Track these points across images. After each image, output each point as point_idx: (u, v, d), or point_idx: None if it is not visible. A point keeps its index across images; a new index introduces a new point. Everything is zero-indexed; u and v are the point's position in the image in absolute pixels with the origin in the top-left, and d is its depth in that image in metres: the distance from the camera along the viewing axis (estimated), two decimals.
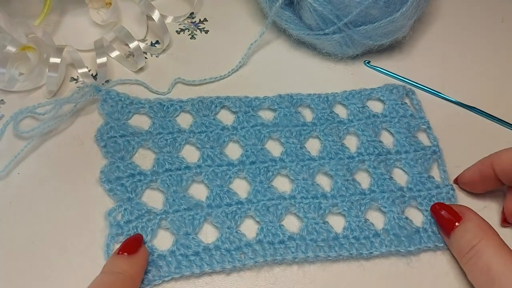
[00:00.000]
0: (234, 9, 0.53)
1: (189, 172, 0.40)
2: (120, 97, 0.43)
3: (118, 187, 0.38)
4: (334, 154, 0.41)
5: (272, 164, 0.40)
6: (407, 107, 0.44)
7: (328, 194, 0.39)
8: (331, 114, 0.44)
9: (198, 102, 0.43)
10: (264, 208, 0.38)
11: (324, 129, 0.43)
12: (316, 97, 0.44)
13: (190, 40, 0.51)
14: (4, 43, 0.43)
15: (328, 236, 0.37)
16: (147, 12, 0.49)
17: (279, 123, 0.43)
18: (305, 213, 0.38)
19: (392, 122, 0.43)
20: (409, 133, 0.43)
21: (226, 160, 0.40)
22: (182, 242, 0.36)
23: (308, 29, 0.47)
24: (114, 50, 0.47)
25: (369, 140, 0.42)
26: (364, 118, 0.43)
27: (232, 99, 0.44)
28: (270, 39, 0.50)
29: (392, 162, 0.41)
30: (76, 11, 0.51)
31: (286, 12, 0.47)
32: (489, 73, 0.49)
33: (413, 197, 0.39)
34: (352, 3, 0.43)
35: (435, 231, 0.38)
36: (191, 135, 0.42)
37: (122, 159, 0.40)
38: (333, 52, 0.48)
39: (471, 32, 0.52)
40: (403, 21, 0.45)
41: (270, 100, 0.44)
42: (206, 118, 0.42)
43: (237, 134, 0.42)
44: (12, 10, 0.49)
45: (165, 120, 0.42)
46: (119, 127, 0.41)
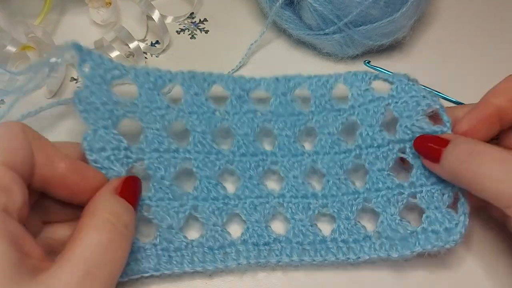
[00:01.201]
0: (234, 9, 0.53)
1: (178, 156, 0.37)
2: (103, 60, 0.37)
3: (104, 160, 0.34)
4: (329, 148, 0.39)
5: (263, 158, 0.38)
6: (417, 87, 0.38)
7: (319, 194, 0.37)
8: (329, 102, 0.39)
9: (189, 77, 0.38)
10: (252, 207, 0.37)
11: (321, 119, 0.39)
12: (316, 80, 0.40)
13: (190, 40, 0.51)
14: (4, 43, 0.43)
15: (315, 239, 0.36)
16: (147, 12, 0.49)
17: (274, 111, 0.39)
18: (293, 214, 0.37)
19: (398, 103, 0.38)
20: (418, 116, 0.37)
21: (216, 149, 0.38)
22: (165, 236, 0.35)
23: (308, 29, 0.47)
24: (114, 50, 0.47)
25: (368, 130, 0.38)
26: (366, 103, 0.39)
27: (225, 78, 0.39)
28: (270, 39, 0.50)
29: (394, 153, 0.38)
30: (76, 10, 0.51)
31: (286, 12, 0.47)
32: (489, 73, 0.49)
33: (412, 194, 0.37)
34: (352, 3, 0.43)
35: (435, 230, 0.35)
36: (180, 113, 0.38)
37: (105, 128, 0.35)
38: (333, 52, 0.48)
39: (471, 32, 0.52)
40: (403, 21, 0.45)
41: (266, 83, 0.39)
42: (197, 98, 0.38)
43: (229, 121, 0.39)
44: (12, 9, 0.49)
45: (153, 93, 0.38)
46: (101, 93, 0.36)
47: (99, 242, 0.28)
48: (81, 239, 0.28)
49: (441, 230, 0.35)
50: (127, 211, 0.31)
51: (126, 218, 0.30)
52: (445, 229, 0.35)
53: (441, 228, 0.35)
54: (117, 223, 0.29)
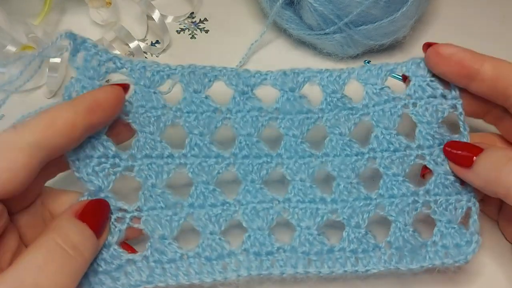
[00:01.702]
0: (235, 9, 0.53)
1: (172, 162, 0.34)
2: (97, 50, 0.34)
3: (87, 169, 0.32)
4: (340, 150, 0.35)
5: (268, 160, 0.35)
6: (438, 85, 0.35)
7: (328, 199, 0.35)
8: (341, 99, 0.36)
9: (189, 72, 0.35)
10: (254, 212, 0.34)
11: (332, 118, 0.36)
12: (327, 76, 0.36)
13: (190, 40, 0.51)
14: (4, 43, 0.43)
15: (322, 249, 0.33)
16: (147, 11, 0.49)
17: (281, 108, 0.36)
18: (299, 220, 0.34)
19: (416, 107, 0.35)
20: (435, 122, 0.35)
21: (215, 152, 0.35)
22: (157, 246, 0.33)
23: (308, 29, 0.47)
24: (114, 50, 0.47)
25: (384, 133, 0.35)
26: (381, 103, 0.36)
27: (228, 72, 0.36)
28: (270, 39, 0.50)
29: (411, 159, 0.35)
30: (76, 10, 0.51)
31: (286, 12, 0.47)
32: None
33: (427, 203, 0.34)
34: (353, 3, 0.43)
35: (445, 245, 0.34)
36: (178, 114, 0.35)
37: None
38: (334, 52, 0.48)
39: (471, 32, 0.52)
40: (404, 21, 0.45)
41: (273, 78, 0.36)
42: (196, 96, 0.35)
43: (231, 120, 0.35)
44: (12, 9, 0.49)
45: (149, 91, 0.35)
46: (92, 87, 0.33)
47: (34, 262, 0.26)
48: (20, 258, 0.26)
49: (451, 245, 0.34)
50: (80, 233, 0.29)
51: (76, 239, 0.28)
52: (456, 245, 0.34)
53: (452, 244, 0.34)
54: (63, 243, 0.27)
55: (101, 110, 0.31)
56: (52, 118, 0.29)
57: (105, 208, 0.32)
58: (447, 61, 0.34)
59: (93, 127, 0.31)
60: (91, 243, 0.30)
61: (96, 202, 0.32)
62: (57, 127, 0.29)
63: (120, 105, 0.32)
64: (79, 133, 0.30)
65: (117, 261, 0.32)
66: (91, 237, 0.30)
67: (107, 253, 0.32)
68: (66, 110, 0.30)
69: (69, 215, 0.30)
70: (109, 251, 0.32)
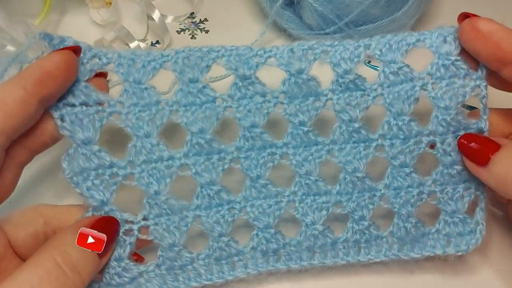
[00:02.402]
0: (235, 9, 0.53)
1: (173, 164, 0.32)
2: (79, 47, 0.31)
3: (87, 183, 0.31)
4: (348, 138, 0.33)
5: (273, 151, 0.33)
6: (462, 64, 0.32)
7: (333, 191, 0.34)
8: (354, 81, 0.33)
9: (183, 58, 0.32)
10: (260, 210, 0.34)
11: (342, 102, 0.33)
12: (340, 51, 0.33)
13: (190, 40, 0.51)
14: (4, 43, 0.43)
15: (326, 242, 0.34)
16: (148, 11, 0.48)
17: (287, 92, 0.33)
18: (304, 215, 0.34)
19: (435, 89, 0.32)
20: (454, 107, 0.32)
21: (217, 148, 0.33)
22: (168, 255, 0.32)
23: (308, 29, 0.47)
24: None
25: (396, 118, 0.33)
26: (398, 83, 0.33)
27: (227, 53, 0.33)
28: (270, 39, 0.50)
29: (421, 147, 0.33)
30: (76, 10, 0.51)
31: (286, 12, 0.47)
32: None
33: (432, 193, 0.34)
34: (353, 2, 0.43)
35: (448, 234, 0.34)
36: (173, 108, 0.32)
37: (85, 143, 0.31)
38: None
39: None
40: (404, 21, 0.45)
41: (279, 55, 0.33)
42: (193, 85, 0.32)
43: (233, 109, 0.33)
44: (12, 9, 0.49)
45: (140, 88, 0.32)
46: (79, 90, 0.31)
47: (29, 281, 0.25)
48: (16, 273, 0.26)
49: (454, 234, 0.34)
50: (82, 253, 0.28)
51: (76, 259, 0.27)
52: (459, 234, 0.34)
53: (455, 233, 0.34)
54: (63, 263, 0.26)
55: (51, 80, 0.29)
56: (1, 100, 0.27)
57: (113, 226, 0.31)
58: (484, 39, 0.30)
59: (47, 99, 0.29)
60: (91, 264, 0.29)
61: (105, 220, 0.31)
62: (8, 107, 0.27)
63: (72, 69, 0.30)
64: (33, 108, 0.28)
65: (130, 274, 0.32)
66: (94, 258, 0.29)
67: (119, 267, 0.31)
68: (14, 88, 0.28)
69: (73, 232, 0.29)
70: (120, 265, 0.31)
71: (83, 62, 0.31)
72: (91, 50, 0.32)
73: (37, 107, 0.29)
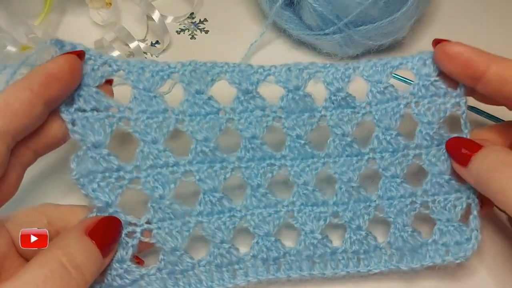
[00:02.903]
0: (234, 9, 0.53)
1: (178, 170, 0.33)
2: (90, 54, 0.32)
3: (93, 185, 0.31)
4: (342, 151, 0.35)
5: (272, 163, 0.35)
6: (442, 84, 0.35)
7: (330, 201, 0.35)
8: (346, 98, 0.36)
9: (190, 71, 0.34)
10: (260, 218, 0.34)
11: (336, 118, 0.36)
12: (332, 71, 0.36)
13: (190, 40, 0.51)
14: (5, 43, 0.43)
15: (325, 251, 0.34)
16: (147, 12, 0.49)
17: (284, 107, 0.35)
18: (303, 224, 0.35)
19: (419, 106, 0.35)
20: (437, 122, 0.35)
21: (220, 156, 0.34)
22: (170, 259, 0.33)
23: (308, 29, 0.47)
24: (114, 50, 0.47)
25: (384, 133, 0.35)
26: (384, 102, 0.36)
27: (230, 69, 0.35)
28: (270, 39, 0.50)
29: (409, 159, 0.35)
30: (76, 11, 0.51)
31: (286, 12, 0.47)
32: None
33: (425, 203, 0.35)
34: (352, 3, 0.43)
35: (445, 243, 0.34)
36: (180, 117, 0.34)
37: (95, 147, 0.32)
38: (333, 52, 0.48)
39: (471, 32, 0.52)
40: (403, 22, 0.45)
41: (277, 73, 0.36)
42: (199, 97, 0.34)
43: (235, 121, 0.35)
44: (13, 9, 0.49)
45: (149, 96, 0.33)
46: (90, 96, 0.32)
47: (34, 280, 0.25)
48: (21, 272, 0.26)
49: (452, 243, 0.34)
50: (86, 253, 0.28)
51: (80, 259, 0.27)
52: (456, 242, 0.34)
53: (452, 242, 0.34)
54: (67, 263, 0.27)
55: (56, 82, 0.30)
56: (8, 101, 0.28)
57: (116, 226, 0.31)
58: (454, 60, 0.33)
59: (53, 101, 0.30)
60: (95, 264, 0.29)
61: (108, 219, 0.31)
62: (15, 108, 0.28)
63: (76, 73, 0.31)
64: (39, 109, 0.29)
65: (131, 277, 0.32)
66: (97, 257, 0.29)
67: (121, 268, 0.32)
68: (20, 89, 0.29)
69: (78, 232, 0.29)
70: (123, 266, 0.32)
71: (94, 68, 0.32)
72: (101, 57, 0.33)
73: (43, 108, 0.30)
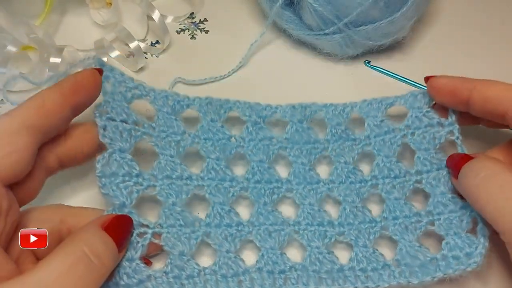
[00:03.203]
0: (234, 9, 0.53)
1: (190, 183, 0.36)
2: (124, 78, 0.37)
3: (112, 186, 0.34)
4: (345, 178, 0.38)
5: (278, 185, 0.38)
6: (433, 115, 0.38)
7: (335, 222, 0.36)
8: (345, 131, 0.40)
9: (206, 103, 0.39)
10: (266, 233, 0.36)
11: (337, 148, 0.39)
12: (332, 109, 0.40)
13: (190, 40, 0.51)
14: (5, 43, 0.43)
15: (332, 268, 0.34)
16: (148, 12, 0.49)
17: (290, 138, 0.39)
18: (309, 241, 0.36)
19: (414, 136, 0.38)
20: (433, 148, 0.38)
21: (230, 175, 0.37)
22: (176, 263, 0.33)
23: (308, 29, 0.47)
24: (115, 50, 0.48)
25: (385, 161, 0.38)
26: (382, 134, 0.39)
27: (242, 105, 0.40)
28: (270, 39, 0.50)
29: (411, 184, 0.38)
30: (77, 11, 0.51)
31: (286, 12, 0.47)
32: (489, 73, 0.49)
33: (430, 222, 0.36)
34: (352, 3, 0.43)
35: (455, 256, 0.34)
36: (195, 140, 0.38)
37: (121, 151, 0.35)
38: (333, 52, 0.48)
39: (471, 32, 0.53)
40: (403, 22, 0.45)
41: (282, 111, 0.40)
42: (213, 124, 0.39)
43: (245, 147, 0.39)
44: (13, 10, 0.49)
45: (170, 118, 0.38)
46: (121, 109, 0.36)
47: (59, 268, 0.26)
48: (44, 262, 0.27)
49: (461, 255, 0.34)
50: (105, 245, 0.29)
51: (101, 249, 0.29)
52: (466, 254, 0.34)
53: (462, 254, 0.34)
54: (89, 252, 0.28)
55: (84, 90, 0.33)
56: (42, 100, 0.31)
57: (129, 223, 0.33)
58: (441, 91, 0.37)
59: (78, 108, 0.34)
60: (114, 255, 0.30)
61: (121, 217, 0.33)
62: (47, 108, 0.31)
63: (98, 85, 0.35)
64: (66, 112, 0.32)
65: (139, 276, 0.32)
66: (114, 250, 0.30)
67: (130, 267, 0.32)
68: (53, 92, 0.32)
69: (95, 226, 0.30)
70: (131, 265, 0.32)
71: (127, 90, 0.37)
72: (133, 81, 0.38)
73: (69, 113, 0.33)
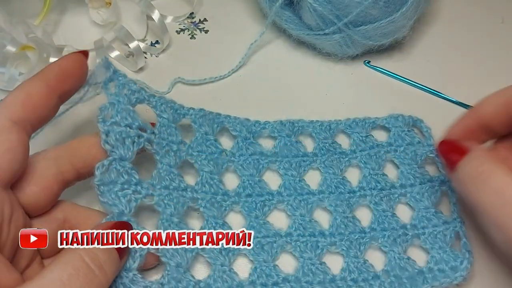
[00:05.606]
0: (234, 9, 0.53)
1: (185, 195, 0.36)
2: (128, 81, 0.36)
3: (111, 194, 0.33)
4: (335, 188, 0.39)
5: (269, 198, 0.38)
6: (414, 134, 0.41)
7: (326, 232, 0.37)
8: (332, 145, 0.41)
9: (201, 116, 0.40)
10: (259, 246, 0.36)
11: (325, 161, 0.40)
12: (319, 125, 0.42)
13: (190, 40, 0.51)
14: (4, 43, 0.43)
15: (324, 278, 0.35)
16: (147, 12, 0.49)
17: (279, 152, 0.40)
18: (301, 252, 0.36)
19: (397, 152, 0.41)
20: (415, 164, 0.40)
21: (222, 190, 0.38)
22: (173, 275, 0.33)
23: (308, 29, 0.47)
24: (114, 50, 0.47)
25: (371, 173, 0.40)
26: (367, 149, 0.41)
27: (232, 120, 0.41)
28: (270, 39, 0.50)
29: (396, 197, 0.39)
30: (76, 10, 0.51)
31: (286, 12, 0.47)
32: (489, 73, 0.49)
33: (416, 235, 0.37)
34: (352, 3, 0.43)
35: (441, 269, 0.35)
36: (189, 151, 0.38)
37: (121, 159, 0.34)
38: (333, 52, 0.48)
39: (471, 32, 0.52)
40: (403, 21, 0.45)
41: (271, 127, 0.41)
42: (207, 137, 0.39)
43: (235, 162, 0.39)
44: (12, 9, 0.49)
45: (170, 126, 0.38)
46: (126, 113, 0.35)
47: (59, 278, 0.26)
48: (45, 271, 0.26)
49: (447, 268, 0.35)
50: (107, 253, 0.29)
51: (102, 258, 0.28)
52: (451, 267, 0.35)
53: (447, 267, 0.35)
54: (90, 262, 0.27)
55: (69, 77, 0.33)
56: (27, 93, 0.31)
57: (129, 229, 0.32)
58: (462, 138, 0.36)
59: (65, 95, 0.33)
60: (115, 265, 0.30)
61: (122, 224, 0.32)
62: (34, 100, 0.31)
63: (84, 70, 0.34)
64: (54, 102, 0.32)
65: (135, 287, 0.32)
66: (116, 258, 0.30)
67: (127, 278, 0.32)
68: (38, 83, 0.31)
69: None
70: (129, 275, 0.32)
71: (131, 92, 0.36)
72: (135, 84, 0.37)
73: (57, 101, 0.32)
